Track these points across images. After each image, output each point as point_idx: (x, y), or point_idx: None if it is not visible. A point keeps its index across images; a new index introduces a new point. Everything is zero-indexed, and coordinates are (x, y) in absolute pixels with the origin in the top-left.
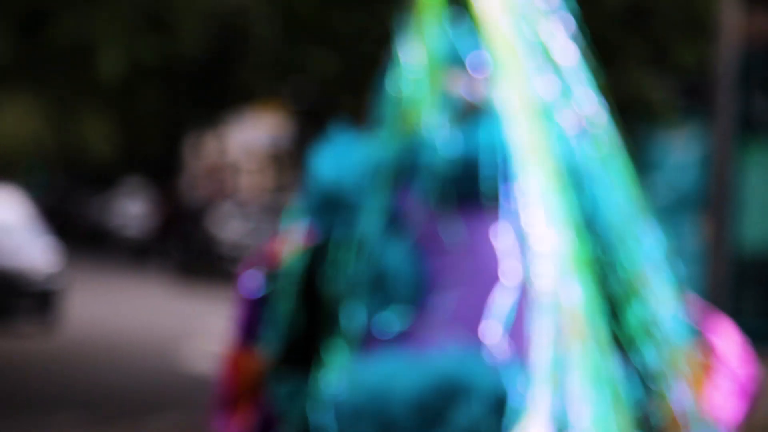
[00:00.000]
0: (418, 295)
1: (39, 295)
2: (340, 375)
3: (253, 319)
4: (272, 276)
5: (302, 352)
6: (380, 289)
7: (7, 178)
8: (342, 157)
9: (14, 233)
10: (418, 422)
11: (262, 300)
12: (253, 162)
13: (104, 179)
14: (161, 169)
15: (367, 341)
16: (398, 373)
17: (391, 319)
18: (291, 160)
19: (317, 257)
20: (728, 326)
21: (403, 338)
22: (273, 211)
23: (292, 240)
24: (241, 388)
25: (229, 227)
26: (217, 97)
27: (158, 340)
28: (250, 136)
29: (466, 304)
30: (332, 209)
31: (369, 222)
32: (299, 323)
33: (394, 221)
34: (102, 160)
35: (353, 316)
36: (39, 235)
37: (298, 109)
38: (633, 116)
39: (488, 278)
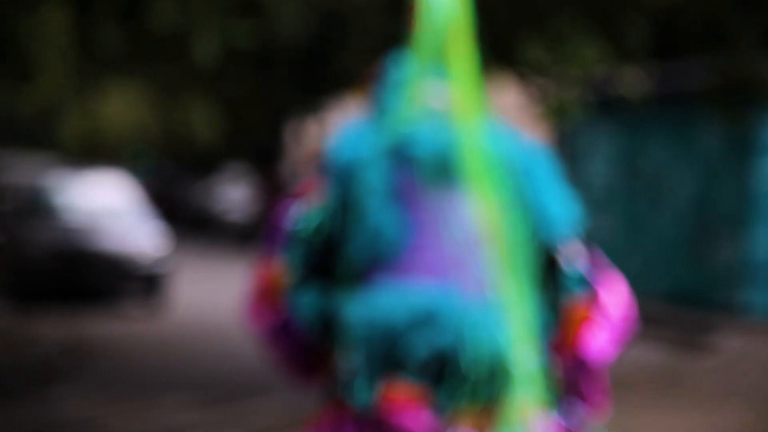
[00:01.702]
0: (405, 243)
1: (146, 278)
2: (348, 301)
3: (280, 241)
4: (298, 214)
5: (318, 272)
6: (376, 238)
7: (115, 164)
8: (355, 139)
9: (122, 218)
10: (404, 343)
11: (288, 229)
12: None
13: (208, 165)
14: (264, 154)
15: (367, 275)
16: (392, 302)
17: (386, 257)
18: None
19: (330, 212)
20: (618, 282)
21: (393, 273)
22: None
23: (312, 195)
24: (265, 292)
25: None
26: (318, 82)
27: None
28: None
29: (440, 253)
30: (342, 180)
31: (371, 190)
32: (315, 252)
33: (390, 191)
34: (206, 146)
35: (355, 255)
36: (146, 220)
37: None
38: (745, 99)
39: (458, 232)
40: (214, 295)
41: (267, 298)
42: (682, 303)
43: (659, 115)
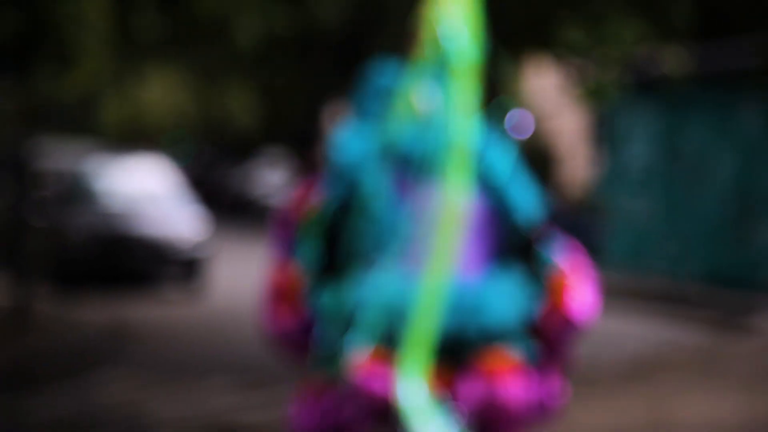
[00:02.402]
0: (401, 234)
1: (186, 263)
2: (357, 288)
3: (290, 242)
4: (303, 216)
5: (329, 270)
6: (378, 232)
7: (155, 149)
8: (357, 141)
9: (162, 203)
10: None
11: (296, 230)
12: None
13: (247, 149)
14: (301, 138)
15: (373, 263)
16: (400, 285)
17: (386, 248)
18: None
19: (335, 210)
20: (584, 261)
21: (398, 260)
22: None
23: (315, 194)
24: (283, 294)
25: None
26: (355, 67)
27: None
28: None
29: (422, 242)
30: (344, 180)
31: (373, 188)
32: (324, 250)
33: (389, 188)
34: (244, 130)
35: (360, 248)
36: (186, 205)
37: None
38: None
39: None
40: (254, 279)
41: (286, 301)
42: (723, 284)
43: (700, 96)
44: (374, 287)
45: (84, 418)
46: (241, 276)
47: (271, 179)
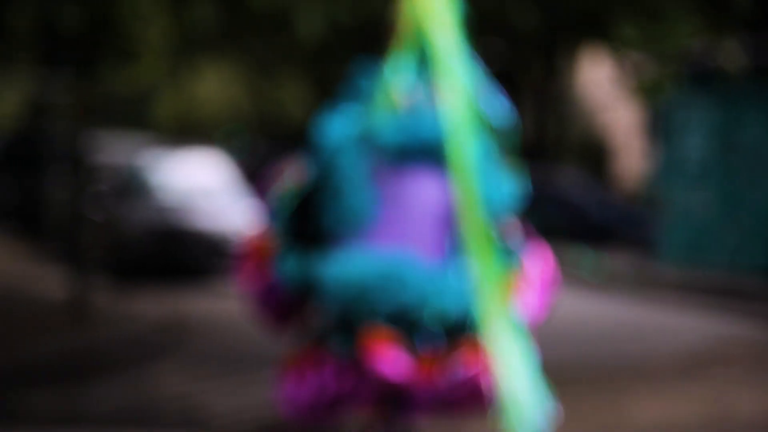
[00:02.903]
0: (373, 215)
1: None
2: (324, 262)
3: (266, 213)
4: (281, 192)
5: (299, 240)
6: (346, 212)
7: (210, 143)
8: (339, 126)
9: (217, 196)
10: (374, 299)
11: (272, 202)
12: None
13: (301, 142)
14: None
15: (341, 240)
16: (362, 263)
17: (356, 227)
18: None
19: (310, 186)
20: (546, 253)
21: (363, 240)
22: None
23: (293, 173)
24: (253, 254)
25: None
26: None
27: None
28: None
29: (402, 223)
30: (322, 162)
31: (347, 171)
32: (295, 221)
33: (363, 173)
34: (299, 124)
35: (332, 224)
36: (241, 198)
37: (488, 70)
38: None
39: (416, 208)
40: None
41: (254, 260)
42: None
43: (756, 88)
44: (341, 262)
45: (139, 410)
46: None
47: None
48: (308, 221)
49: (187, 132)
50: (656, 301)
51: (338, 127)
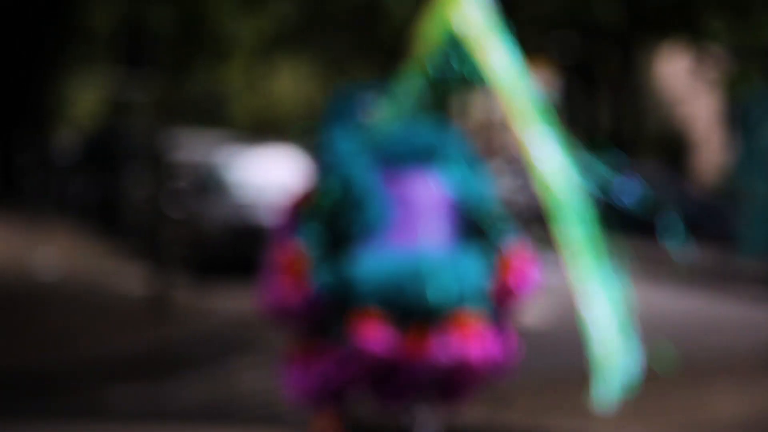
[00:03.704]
0: (389, 217)
1: None
2: (357, 263)
3: (292, 227)
4: (304, 204)
5: (329, 251)
6: (369, 218)
7: (286, 140)
8: (344, 142)
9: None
10: (403, 295)
11: (298, 216)
12: None
13: None
14: None
15: (365, 242)
16: (387, 260)
17: (377, 230)
18: (559, 116)
19: (333, 200)
20: (524, 242)
21: (385, 240)
22: None
23: (311, 185)
24: (287, 269)
25: (498, 184)
26: None
27: None
28: None
29: (413, 223)
30: (337, 174)
31: (363, 181)
32: (324, 233)
33: (378, 179)
34: None
35: (356, 229)
36: None
37: (565, 63)
38: None
39: (421, 206)
40: None
41: (290, 276)
42: None
43: None
44: (370, 263)
45: (220, 406)
46: None
47: None
48: (335, 232)
49: (263, 129)
50: (738, 295)
51: (344, 142)
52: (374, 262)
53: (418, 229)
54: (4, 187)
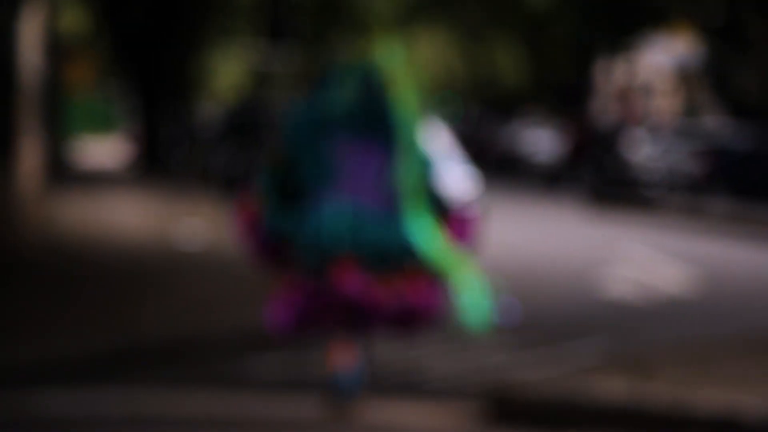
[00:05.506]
0: (339, 175)
1: None
2: (311, 212)
3: (256, 187)
4: (265, 165)
5: (282, 200)
6: (319, 172)
7: (425, 109)
8: (306, 110)
9: (435, 162)
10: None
11: (261, 175)
12: (663, 85)
13: (514, 107)
14: (570, 94)
15: (316, 196)
16: (332, 212)
17: (326, 186)
18: (701, 82)
19: (288, 158)
20: (474, 207)
21: (330, 194)
22: (684, 134)
23: (275, 148)
24: (251, 217)
25: (641, 151)
26: (627, 21)
27: (573, 265)
28: (660, 58)
29: (360, 181)
30: (293, 137)
31: (315, 144)
32: (280, 186)
33: (330, 144)
34: (511, 89)
35: (306, 185)
36: (457, 164)
37: (707, 29)
38: None
39: (367, 171)
40: (523, 237)
41: (253, 221)
42: None
43: None
44: (324, 213)
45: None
46: (511, 234)
47: (539, 136)
48: (290, 185)
49: None
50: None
51: (306, 110)
52: (327, 212)
53: (361, 190)
54: (149, 159)
